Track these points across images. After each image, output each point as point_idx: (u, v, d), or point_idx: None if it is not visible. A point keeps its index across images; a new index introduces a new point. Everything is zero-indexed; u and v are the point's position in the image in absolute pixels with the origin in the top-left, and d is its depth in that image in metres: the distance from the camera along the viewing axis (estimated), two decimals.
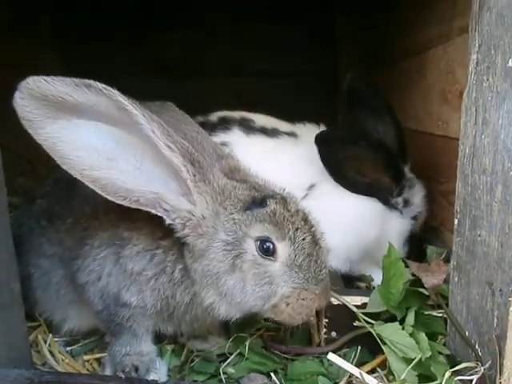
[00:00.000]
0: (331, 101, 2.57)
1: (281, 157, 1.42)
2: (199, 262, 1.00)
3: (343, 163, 1.39)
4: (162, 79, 2.85)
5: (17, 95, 0.88)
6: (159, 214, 0.98)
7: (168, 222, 0.99)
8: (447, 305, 1.14)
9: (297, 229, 0.99)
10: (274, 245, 0.98)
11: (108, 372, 1.17)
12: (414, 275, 1.21)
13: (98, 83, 0.88)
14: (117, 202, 0.95)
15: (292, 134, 1.53)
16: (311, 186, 1.42)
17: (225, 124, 1.50)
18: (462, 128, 1.07)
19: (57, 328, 1.31)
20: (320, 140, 1.35)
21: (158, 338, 1.24)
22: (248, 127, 1.48)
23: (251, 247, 0.98)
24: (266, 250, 0.98)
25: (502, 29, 0.92)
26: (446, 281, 1.20)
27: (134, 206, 0.96)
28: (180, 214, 0.99)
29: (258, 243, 0.98)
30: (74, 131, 0.92)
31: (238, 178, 1.07)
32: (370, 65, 2.77)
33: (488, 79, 0.96)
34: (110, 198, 0.94)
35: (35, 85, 0.87)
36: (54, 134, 0.91)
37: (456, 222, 1.09)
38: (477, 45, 1.00)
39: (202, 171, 0.97)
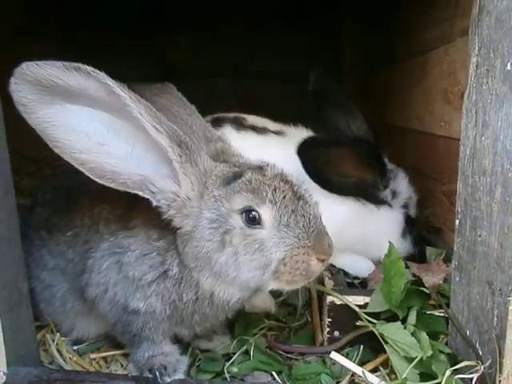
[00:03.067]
0: None
1: (267, 153, 1.43)
2: (188, 244, 1.01)
3: (324, 168, 1.38)
4: (166, 80, 2.87)
5: (12, 80, 0.90)
6: (146, 195, 0.99)
7: (154, 203, 1.00)
8: (449, 304, 1.15)
9: (275, 189, 0.98)
10: (257, 212, 0.97)
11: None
12: (414, 275, 1.22)
13: (86, 66, 0.89)
14: (105, 184, 0.97)
15: (280, 133, 1.55)
16: None
17: (218, 122, 1.52)
18: (462, 129, 1.08)
19: (65, 335, 1.33)
20: (302, 148, 1.33)
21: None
22: (239, 124, 1.51)
23: (238, 221, 0.98)
24: (253, 219, 0.97)
25: (501, 33, 0.93)
26: (447, 280, 1.22)
27: (121, 188, 0.98)
28: (165, 196, 1.00)
29: (244, 215, 0.98)
30: (66, 116, 0.94)
31: (222, 160, 1.08)
32: (372, 66, 2.78)
33: (487, 82, 0.97)
34: (97, 180, 0.96)
35: (28, 69, 0.89)
36: (47, 119, 0.93)
37: (457, 222, 1.10)
38: (476, 48, 1.02)
39: (189, 153, 0.98)
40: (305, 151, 1.33)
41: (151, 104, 0.95)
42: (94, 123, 0.96)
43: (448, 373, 0.94)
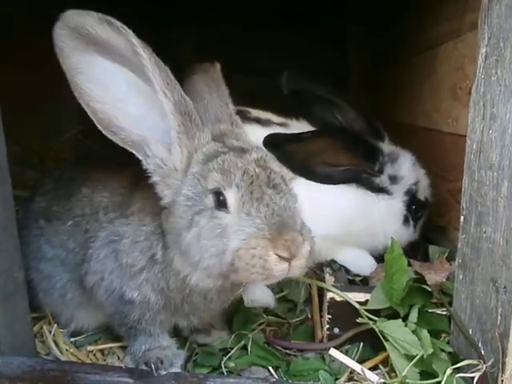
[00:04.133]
0: None
1: None
2: (167, 220, 1.00)
3: (306, 161, 1.37)
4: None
5: (57, 25, 0.95)
6: (140, 157, 1.01)
7: (145, 166, 1.01)
8: (451, 303, 1.13)
9: (244, 173, 0.93)
10: (224, 195, 0.93)
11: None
12: (417, 273, 1.20)
13: (117, 21, 0.93)
14: (107, 135, 1.00)
15: (284, 125, 1.55)
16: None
17: None
18: (469, 123, 1.05)
19: (63, 326, 1.32)
20: (270, 144, 1.32)
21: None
22: (243, 117, 1.50)
23: (210, 202, 0.94)
24: (221, 202, 0.93)
25: None
26: (450, 279, 1.19)
27: (119, 143, 1.00)
28: (155, 160, 1.00)
29: (215, 197, 0.94)
30: (93, 66, 0.98)
31: (221, 141, 1.05)
32: (379, 64, 2.76)
33: (496, 73, 0.94)
34: (102, 129, 1.00)
35: (71, 16, 0.94)
36: (77, 65, 0.97)
37: (462, 218, 1.08)
38: (486, 38, 0.99)
39: (189, 125, 0.98)
40: (270, 149, 1.30)
41: (188, 80, 1.01)
42: (118, 79, 0.99)
43: (449, 371, 0.92)
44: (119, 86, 0.99)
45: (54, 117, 2.62)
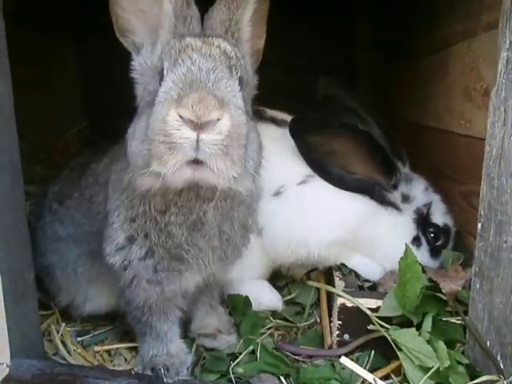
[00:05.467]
0: None
1: (285, 143, 1.40)
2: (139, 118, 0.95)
3: (325, 159, 1.36)
4: None
5: None
6: (134, 56, 1.01)
7: (132, 63, 1.01)
8: (466, 312, 1.10)
9: (186, 46, 0.90)
10: (163, 67, 0.90)
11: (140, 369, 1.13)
12: (431, 280, 1.17)
13: None
14: (118, 36, 1.01)
15: None
16: (309, 176, 1.39)
17: None
18: (488, 128, 1.02)
19: (79, 310, 1.31)
20: (294, 129, 1.32)
21: None
22: (259, 116, 1.48)
23: (156, 82, 0.93)
24: (160, 76, 0.91)
25: None
26: (465, 287, 1.17)
27: (124, 44, 1.01)
28: (139, 59, 1.00)
29: (160, 76, 0.91)
30: None
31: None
32: (390, 62, 2.72)
33: None
34: (116, 32, 1.01)
35: None
36: None
37: (479, 226, 1.05)
38: (507, 42, 0.96)
39: (181, 27, 0.96)
40: (293, 133, 1.31)
41: None
42: None
43: None
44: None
45: (59, 113, 2.61)
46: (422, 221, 1.46)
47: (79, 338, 1.31)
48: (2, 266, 0.96)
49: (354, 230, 1.39)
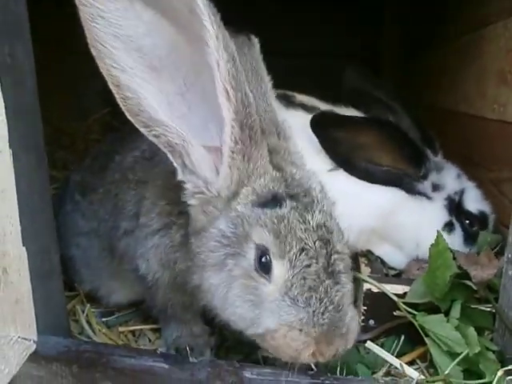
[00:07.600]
0: None
1: None
2: (195, 237, 0.86)
3: (350, 154, 1.32)
4: None
5: None
6: (174, 163, 0.81)
7: (180, 177, 0.83)
8: (497, 299, 1.07)
9: (302, 249, 0.77)
10: (270, 262, 0.78)
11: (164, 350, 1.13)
12: (460, 267, 1.14)
13: None
14: (135, 125, 0.78)
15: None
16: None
17: None
18: None
19: (103, 301, 1.33)
20: (318, 125, 1.27)
21: None
22: (288, 101, 1.45)
23: (251, 252, 0.79)
24: (263, 265, 0.78)
25: None
26: (496, 274, 1.13)
27: (150, 137, 0.78)
28: (195, 181, 0.82)
29: (259, 252, 0.79)
30: (127, 15, 0.71)
31: (275, 163, 0.86)
32: (417, 45, 2.64)
33: None
34: (128, 115, 0.76)
35: None
36: (105, 10, 0.71)
37: None
38: None
39: (249, 143, 0.77)
40: (317, 130, 1.27)
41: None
42: (156, 39, 0.72)
43: (500, 373, 0.87)
44: (156, 48, 0.72)
45: (82, 98, 2.63)
46: (455, 207, 1.42)
47: (104, 319, 1.33)
48: (29, 246, 0.97)
49: (383, 218, 1.37)
